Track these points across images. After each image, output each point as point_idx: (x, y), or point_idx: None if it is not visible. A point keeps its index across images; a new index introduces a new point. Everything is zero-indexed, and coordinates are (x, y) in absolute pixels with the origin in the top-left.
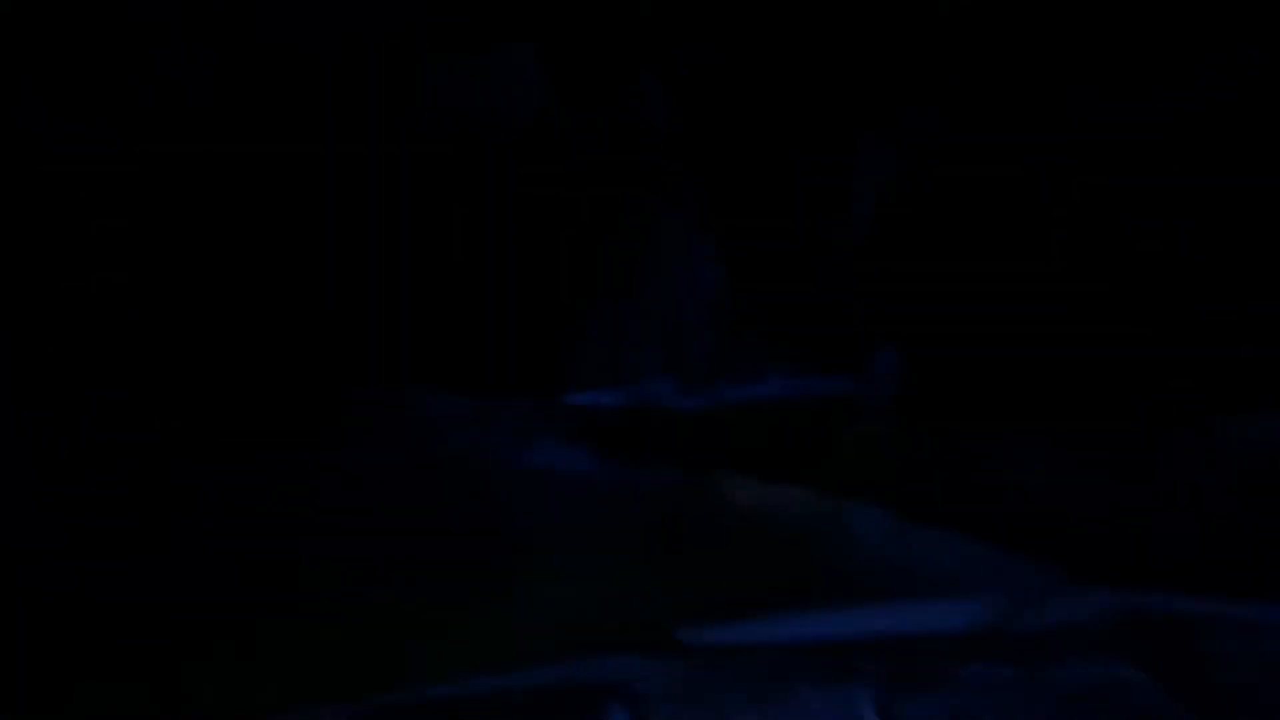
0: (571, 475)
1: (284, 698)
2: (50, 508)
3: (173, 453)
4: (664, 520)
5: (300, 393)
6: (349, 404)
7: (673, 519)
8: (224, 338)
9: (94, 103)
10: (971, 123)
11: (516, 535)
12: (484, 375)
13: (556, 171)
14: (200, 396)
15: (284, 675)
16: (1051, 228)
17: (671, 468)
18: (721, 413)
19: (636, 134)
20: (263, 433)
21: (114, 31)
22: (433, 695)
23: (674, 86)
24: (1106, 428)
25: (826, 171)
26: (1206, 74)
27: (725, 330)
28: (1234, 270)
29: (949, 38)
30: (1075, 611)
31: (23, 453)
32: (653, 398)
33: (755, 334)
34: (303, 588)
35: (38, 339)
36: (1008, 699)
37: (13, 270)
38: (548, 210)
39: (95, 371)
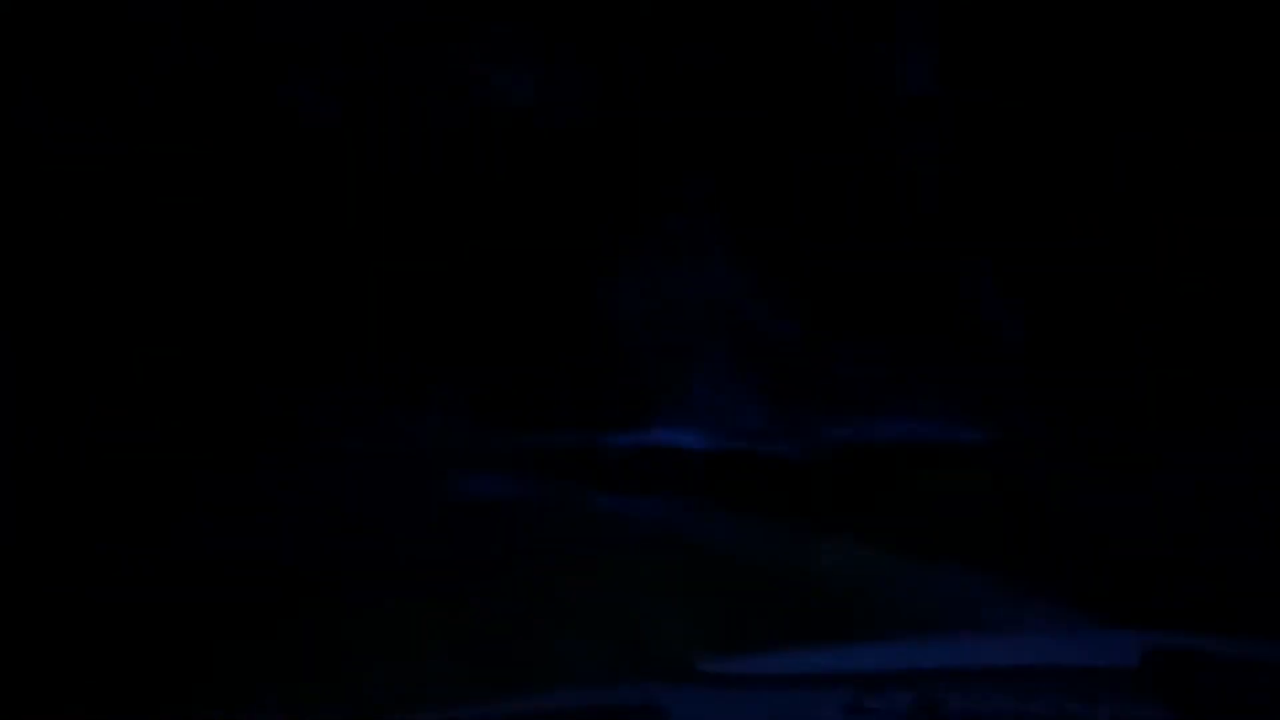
0: (612, 517)
1: (283, 696)
2: (51, 508)
3: (172, 453)
4: (703, 569)
5: (303, 389)
6: (361, 423)
7: (714, 567)
8: (223, 337)
9: (94, 103)
10: (976, 129)
11: (534, 570)
12: (525, 406)
13: (570, 166)
14: (198, 397)
15: (283, 674)
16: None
17: (720, 512)
18: (798, 457)
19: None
20: (262, 432)
21: (114, 31)
22: (469, 714)
23: (682, 86)
24: (1137, 447)
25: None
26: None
27: (799, 373)
28: (1237, 293)
29: (951, 41)
30: (1099, 652)
31: (23, 453)
32: (733, 440)
33: (823, 377)
34: (302, 590)
35: (38, 339)
36: None
37: (13, 270)
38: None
39: (95, 371)
